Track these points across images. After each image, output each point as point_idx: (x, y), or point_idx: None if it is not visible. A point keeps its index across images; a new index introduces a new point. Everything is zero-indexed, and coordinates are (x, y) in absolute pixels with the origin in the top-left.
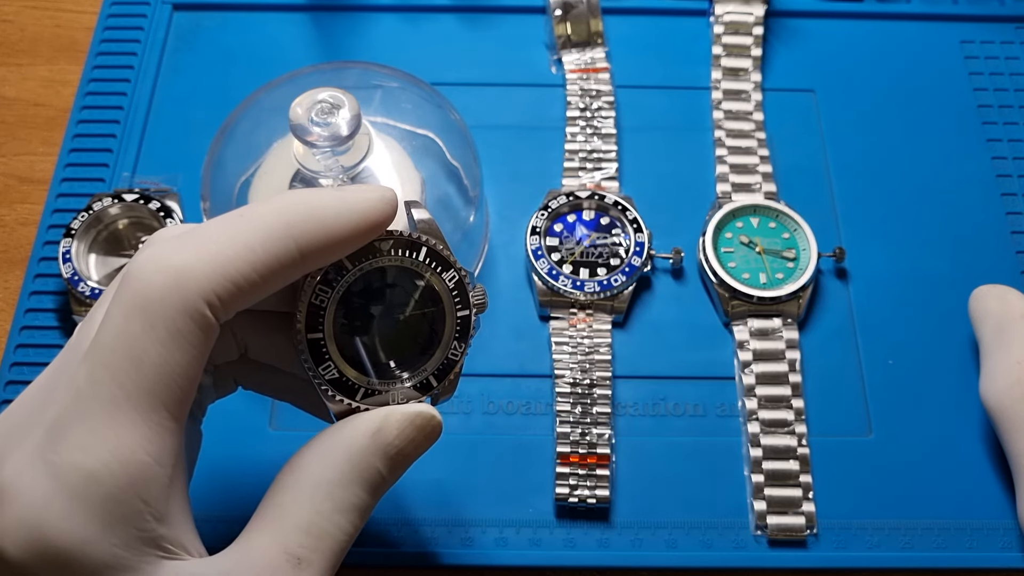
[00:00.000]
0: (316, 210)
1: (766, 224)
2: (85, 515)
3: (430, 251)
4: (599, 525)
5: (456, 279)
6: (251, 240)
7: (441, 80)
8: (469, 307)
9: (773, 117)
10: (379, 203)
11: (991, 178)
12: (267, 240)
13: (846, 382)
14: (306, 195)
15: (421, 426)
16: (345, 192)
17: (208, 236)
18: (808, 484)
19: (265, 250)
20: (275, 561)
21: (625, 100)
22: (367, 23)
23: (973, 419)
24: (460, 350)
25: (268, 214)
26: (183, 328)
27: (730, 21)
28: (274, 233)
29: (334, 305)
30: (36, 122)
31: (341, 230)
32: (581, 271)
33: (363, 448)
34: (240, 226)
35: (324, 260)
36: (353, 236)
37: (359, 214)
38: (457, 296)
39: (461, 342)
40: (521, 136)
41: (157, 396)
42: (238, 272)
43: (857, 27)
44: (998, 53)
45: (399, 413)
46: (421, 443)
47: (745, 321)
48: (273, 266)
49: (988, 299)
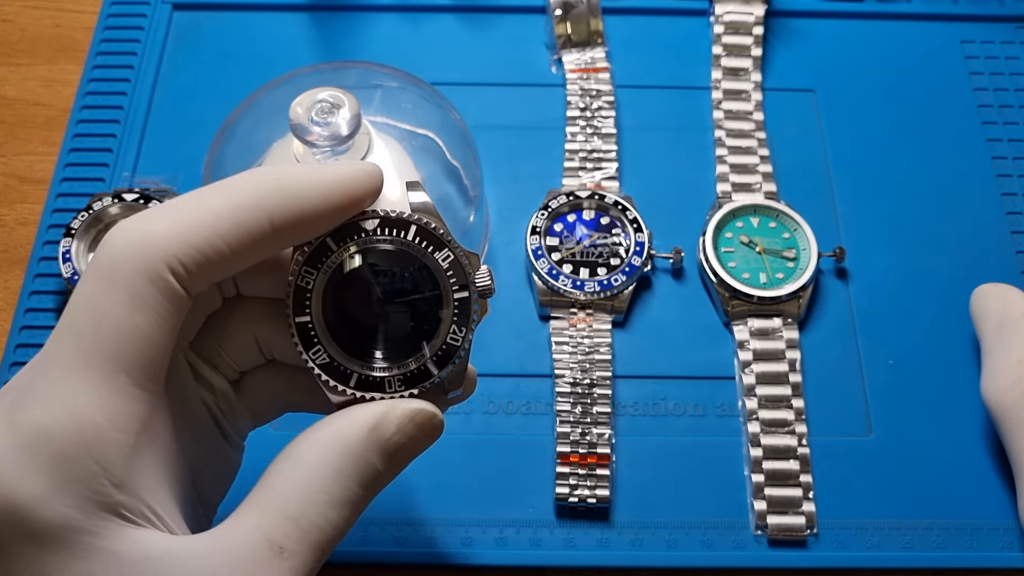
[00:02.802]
0: (289, 181)
1: (766, 224)
2: (36, 471)
3: (420, 229)
4: (599, 525)
5: (451, 259)
6: (218, 208)
7: (441, 80)
8: (468, 289)
9: (773, 117)
10: (358, 175)
11: (991, 178)
12: (235, 209)
13: (846, 382)
14: (281, 168)
15: (422, 424)
16: (325, 165)
17: (175, 204)
18: (808, 484)
19: (232, 219)
20: (256, 547)
21: (625, 100)
22: (367, 23)
23: (973, 419)
24: (461, 335)
25: (238, 183)
26: (143, 291)
27: (730, 21)
28: (242, 202)
29: (321, 287)
30: (36, 122)
31: (314, 202)
32: (581, 271)
33: (360, 442)
34: (208, 195)
35: (300, 234)
36: (329, 209)
37: (335, 186)
38: (453, 277)
39: (461, 326)
40: (521, 136)
41: (116, 359)
42: (202, 239)
43: (857, 27)
44: (998, 53)
45: (399, 409)
46: (421, 441)
47: (745, 321)
48: (242, 236)
49: (989, 298)
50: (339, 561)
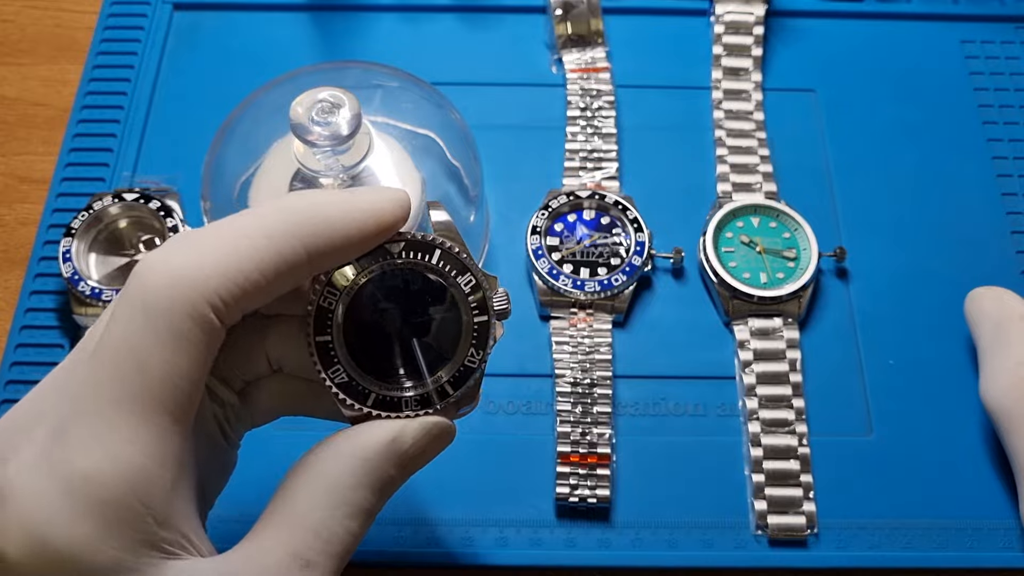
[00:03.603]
0: (323, 210)
1: (766, 224)
2: (84, 517)
3: (444, 253)
4: (599, 525)
5: (473, 283)
6: (256, 241)
7: (441, 80)
8: (488, 313)
9: (773, 117)
10: (390, 204)
11: (991, 178)
12: (272, 241)
13: (847, 382)
14: (313, 195)
15: (438, 436)
16: (355, 193)
17: (213, 237)
18: (809, 484)
19: (270, 251)
20: (283, 562)
21: (625, 100)
22: (367, 23)
23: (973, 419)
24: (478, 358)
25: (273, 214)
26: (186, 330)
27: (730, 21)
28: (279, 234)
29: (343, 307)
30: (36, 122)
31: (349, 231)
32: (581, 271)
33: (379, 455)
34: (245, 228)
35: (332, 262)
36: (362, 238)
37: (369, 215)
38: (474, 301)
39: (479, 349)
40: (521, 136)
41: (159, 399)
42: (242, 273)
43: (857, 27)
44: (998, 53)
45: (417, 423)
46: (434, 451)
47: (746, 321)
48: (279, 267)
49: (984, 300)
50: None
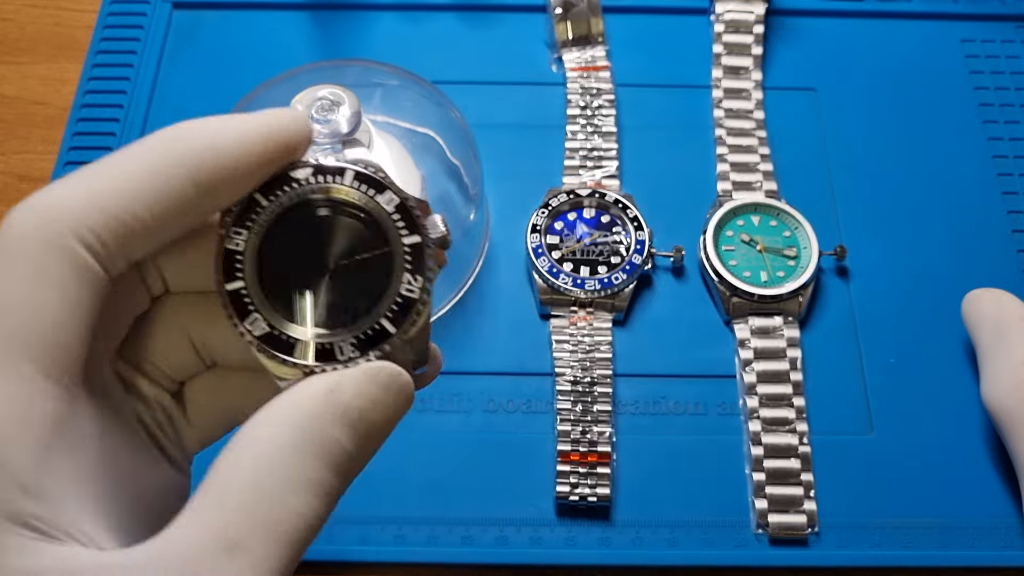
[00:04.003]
0: (211, 135)
1: (767, 222)
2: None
3: (358, 174)
4: (600, 523)
5: (397, 202)
6: (133, 169)
7: (441, 78)
8: (418, 231)
9: (774, 115)
10: (284, 120)
11: (992, 177)
12: (152, 168)
13: (847, 380)
14: (199, 120)
15: (386, 384)
16: (246, 114)
17: (88, 171)
18: (809, 482)
19: (151, 180)
20: (205, 547)
21: (625, 98)
22: (367, 21)
23: (974, 417)
24: (417, 284)
25: (153, 140)
26: (51, 266)
27: (731, 20)
28: (160, 160)
29: (254, 248)
30: (36, 120)
31: (241, 153)
32: (582, 269)
33: (315, 412)
34: (121, 157)
35: (228, 193)
36: (256, 160)
37: (261, 134)
38: (400, 222)
39: (416, 275)
40: (521, 134)
41: (18, 343)
42: (118, 205)
43: (858, 26)
44: (999, 52)
45: (357, 370)
46: (389, 407)
47: (746, 319)
48: (162, 199)
49: (983, 302)
50: (338, 560)
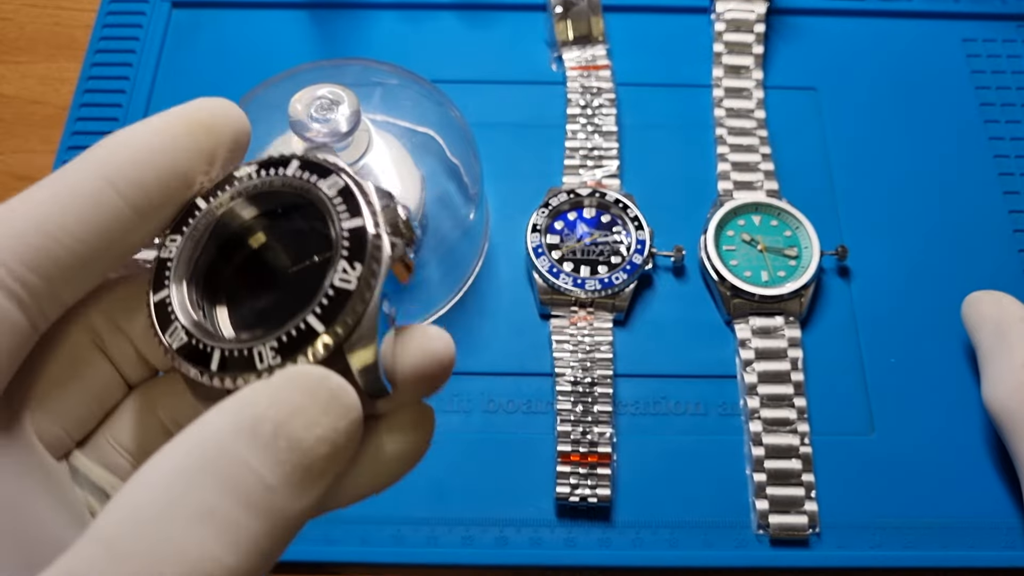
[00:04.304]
0: (126, 139)
1: (768, 222)
2: None
3: (305, 163)
4: (600, 524)
5: (342, 187)
6: (48, 193)
7: (441, 77)
8: (361, 215)
9: (775, 115)
10: (210, 111)
11: (993, 177)
12: (69, 185)
13: (848, 380)
14: (126, 130)
15: (309, 390)
16: (164, 112)
17: (13, 201)
18: (810, 483)
19: (69, 198)
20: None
21: (626, 97)
22: (367, 20)
23: (975, 417)
24: (353, 274)
25: (78, 161)
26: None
27: (731, 19)
28: (77, 176)
29: (189, 254)
30: (34, 120)
31: (165, 158)
32: (582, 269)
33: (218, 430)
34: (45, 181)
35: (161, 202)
36: (183, 163)
37: (184, 133)
38: (343, 206)
39: (354, 262)
40: (521, 134)
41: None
42: (36, 228)
43: (859, 25)
44: (1000, 51)
45: (273, 379)
46: (319, 421)
47: (747, 319)
48: (85, 217)
49: (983, 304)
50: (337, 561)
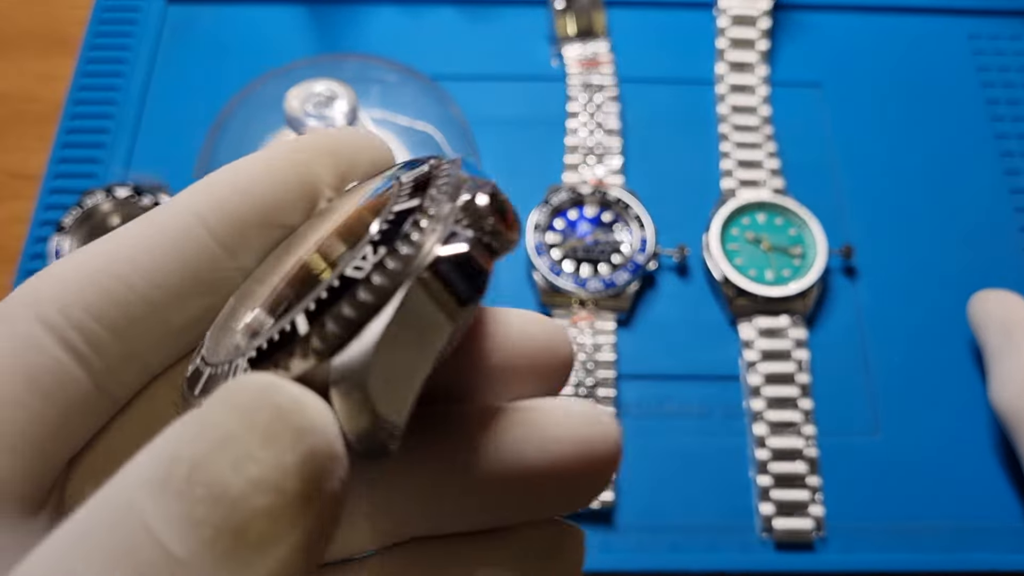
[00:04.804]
0: (230, 175)
1: (772, 220)
2: None
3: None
4: (601, 528)
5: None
6: (134, 237)
7: (440, 73)
8: (421, 193)
9: (779, 112)
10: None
11: (1000, 174)
12: (164, 226)
13: (853, 382)
14: (232, 164)
15: (246, 409)
16: (271, 149)
17: (88, 247)
18: (816, 486)
19: (158, 240)
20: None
21: (628, 94)
22: (365, 15)
23: (983, 419)
24: (371, 259)
25: (168, 205)
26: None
27: (735, 15)
28: (172, 215)
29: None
30: (28, 117)
31: (269, 192)
32: (583, 268)
33: (127, 479)
34: (131, 227)
35: (257, 243)
36: (289, 201)
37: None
38: (409, 188)
39: (382, 245)
40: (522, 130)
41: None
42: (107, 270)
43: (864, 20)
44: (1006, 47)
45: (217, 390)
46: (258, 455)
47: (751, 319)
48: (170, 269)
49: (989, 304)
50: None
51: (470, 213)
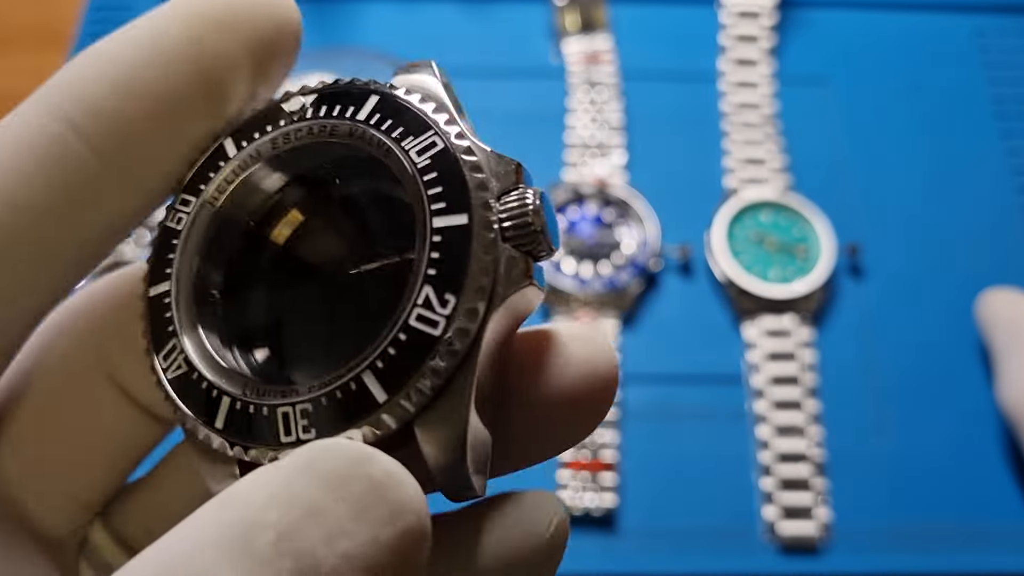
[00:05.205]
0: (110, 62)
1: (777, 219)
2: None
3: (384, 102)
4: (603, 531)
5: (438, 149)
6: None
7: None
8: (470, 210)
9: (784, 109)
10: (240, 9)
11: (1007, 173)
12: (20, 138)
13: (859, 383)
14: (99, 44)
15: (338, 481)
16: (163, 15)
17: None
18: (820, 489)
19: (17, 157)
20: None
21: (631, 90)
22: (362, 10)
23: (991, 421)
24: (443, 311)
25: (33, 96)
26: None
27: (740, 10)
28: (34, 121)
29: (201, 230)
30: None
31: (167, 92)
32: (585, 268)
33: (196, 542)
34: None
35: (159, 159)
36: (186, 90)
37: (200, 49)
38: (436, 187)
39: (446, 291)
40: (522, 127)
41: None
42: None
43: (870, 17)
44: (1014, 44)
45: (286, 457)
46: (352, 530)
47: (756, 320)
48: (41, 185)
49: (997, 304)
50: None
51: (522, 232)
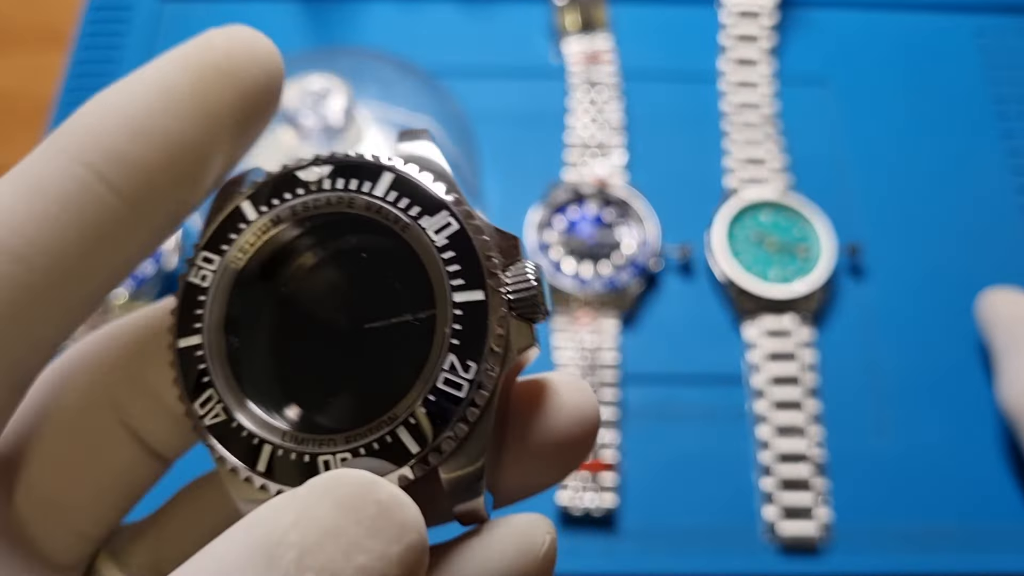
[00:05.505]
0: (125, 109)
1: (778, 219)
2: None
3: (399, 180)
4: (603, 532)
5: (455, 230)
6: (16, 188)
7: (440, 69)
8: (484, 288)
9: (784, 109)
10: (238, 58)
11: (1008, 173)
12: (43, 182)
13: (860, 383)
14: (110, 91)
15: (352, 504)
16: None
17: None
18: (821, 489)
19: (41, 201)
20: None
21: (631, 90)
22: (362, 9)
23: (992, 421)
24: (466, 376)
25: (49, 140)
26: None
27: (740, 10)
28: (55, 167)
29: (227, 288)
30: (19, 113)
31: (178, 137)
32: (585, 267)
33: (225, 561)
34: (8, 174)
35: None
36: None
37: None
38: (455, 265)
39: (469, 358)
40: (522, 127)
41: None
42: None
43: (871, 17)
44: (1014, 44)
45: (302, 486)
46: (366, 545)
47: (756, 320)
48: (65, 226)
49: (998, 303)
50: None
51: (526, 306)
